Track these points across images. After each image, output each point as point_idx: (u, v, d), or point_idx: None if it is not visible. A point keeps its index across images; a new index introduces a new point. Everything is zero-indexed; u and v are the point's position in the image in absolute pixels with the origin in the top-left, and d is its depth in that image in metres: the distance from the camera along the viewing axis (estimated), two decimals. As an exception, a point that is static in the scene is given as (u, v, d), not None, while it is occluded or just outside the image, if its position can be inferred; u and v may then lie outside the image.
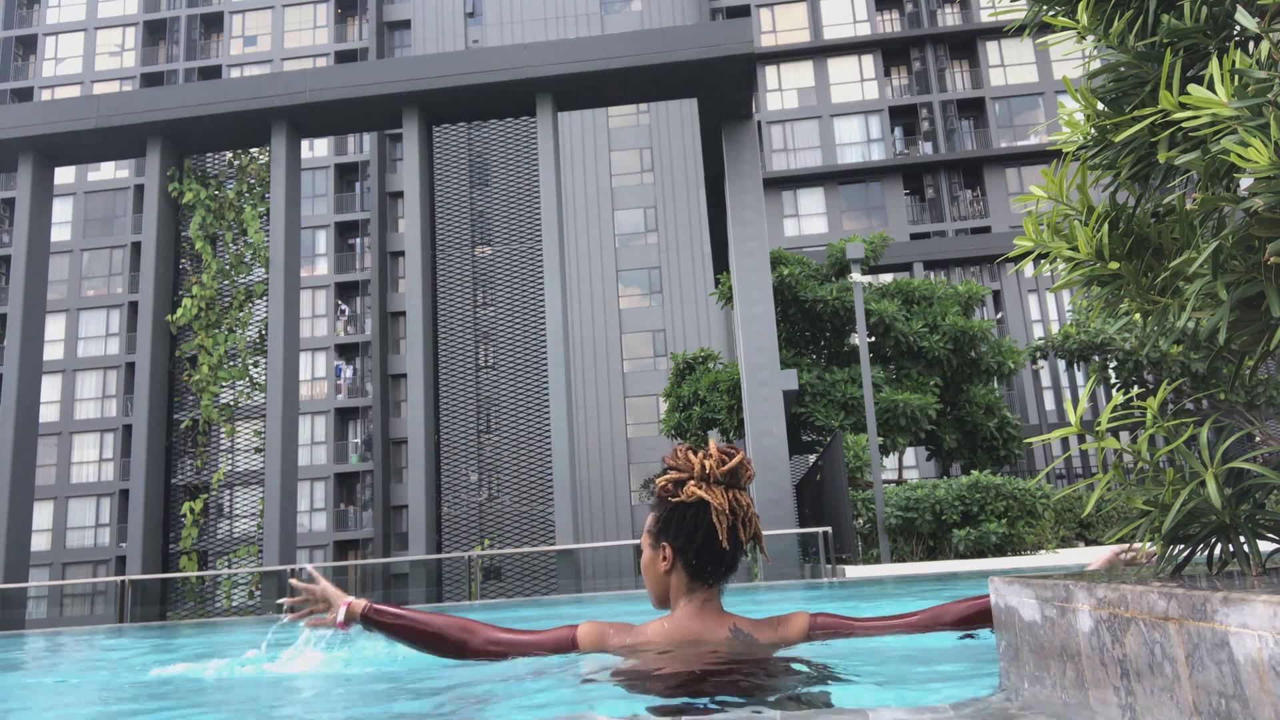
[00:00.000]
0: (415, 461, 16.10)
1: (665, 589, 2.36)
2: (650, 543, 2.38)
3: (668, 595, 2.36)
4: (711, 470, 2.33)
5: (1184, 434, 1.45)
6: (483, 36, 43.30)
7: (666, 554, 2.33)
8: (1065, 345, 21.91)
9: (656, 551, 2.36)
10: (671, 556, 2.33)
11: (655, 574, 2.37)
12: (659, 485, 2.36)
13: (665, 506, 2.36)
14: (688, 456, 2.36)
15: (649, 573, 2.39)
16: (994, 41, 41.65)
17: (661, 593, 2.37)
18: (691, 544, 2.31)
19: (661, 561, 2.35)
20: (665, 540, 2.34)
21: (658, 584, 2.37)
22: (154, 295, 17.67)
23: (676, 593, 2.34)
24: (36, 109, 18.14)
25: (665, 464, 2.39)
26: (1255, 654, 0.96)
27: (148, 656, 5.60)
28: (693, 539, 2.31)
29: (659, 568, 2.36)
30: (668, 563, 2.34)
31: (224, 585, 17.03)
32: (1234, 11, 1.42)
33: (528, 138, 17.68)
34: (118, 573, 38.98)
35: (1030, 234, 1.70)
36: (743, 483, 2.37)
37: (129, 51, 48.19)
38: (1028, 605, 1.59)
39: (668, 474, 2.37)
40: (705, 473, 2.33)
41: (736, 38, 16.59)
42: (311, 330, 43.49)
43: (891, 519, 14.51)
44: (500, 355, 17.00)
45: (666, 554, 2.33)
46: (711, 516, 2.31)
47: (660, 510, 2.37)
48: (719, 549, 2.31)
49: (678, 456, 2.37)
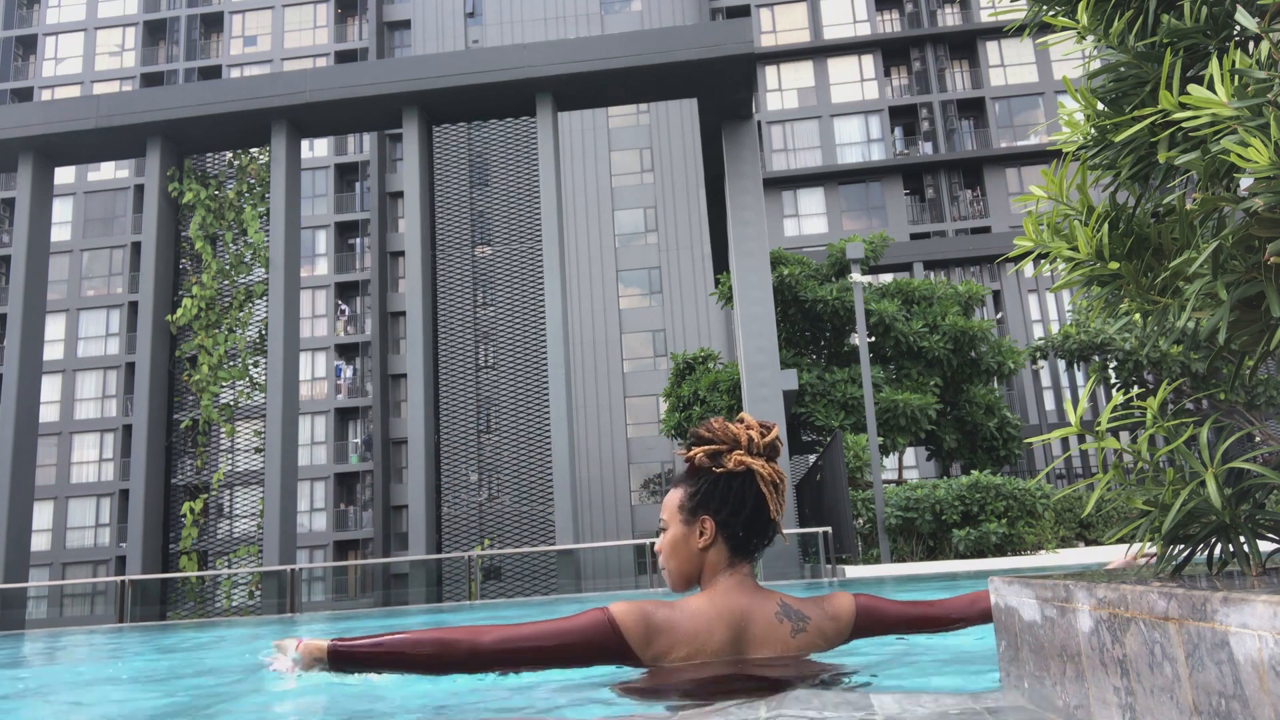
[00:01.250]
0: (415, 461, 16.10)
1: (697, 567, 2.25)
2: (684, 518, 2.26)
3: (698, 575, 2.25)
4: (756, 441, 2.28)
5: (1184, 434, 1.45)
6: (483, 36, 43.31)
7: (707, 528, 2.23)
8: (1065, 345, 21.91)
9: (692, 527, 2.25)
10: (713, 530, 2.23)
11: (688, 551, 2.25)
12: (694, 457, 2.27)
13: (706, 478, 2.27)
14: (727, 428, 2.29)
15: (679, 551, 2.25)
16: (994, 41, 41.66)
17: (692, 572, 2.26)
18: (738, 515, 2.24)
19: (699, 537, 2.24)
20: (706, 513, 2.24)
21: (689, 562, 2.25)
22: (154, 295, 17.67)
23: (714, 570, 2.24)
24: (36, 109, 18.14)
25: (698, 436, 2.30)
26: (1255, 654, 0.96)
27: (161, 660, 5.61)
28: (740, 510, 2.24)
29: (693, 544, 2.24)
30: (707, 537, 2.23)
31: (224, 585, 17.03)
32: (1234, 11, 1.43)
33: (528, 138, 17.68)
34: (118, 573, 38.99)
35: (1030, 234, 1.70)
36: (778, 456, 2.33)
37: (129, 51, 48.19)
38: (1028, 605, 1.59)
39: (701, 446, 2.29)
40: (751, 443, 2.28)
41: (736, 38, 16.59)
42: (311, 330, 43.49)
43: (891, 519, 14.51)
44: (500, 355, 17.00)
45: (707, 528, 2.23)
46: (760, 486, 2.25)
47: (698, 483, 2.28)
48: (767, 519, 2.26)
49: (714, 429, 2.29)
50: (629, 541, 14.46)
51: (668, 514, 2.30)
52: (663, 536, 2.29)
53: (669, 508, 2.31)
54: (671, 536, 2.27)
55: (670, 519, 2.29)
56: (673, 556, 2.27)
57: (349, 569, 37.52)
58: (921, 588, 8.27)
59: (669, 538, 2.27)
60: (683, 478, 2.32)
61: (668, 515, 2.30)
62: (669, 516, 2.30)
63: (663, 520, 2.31)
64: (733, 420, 2.32)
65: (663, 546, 2.28)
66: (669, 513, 2.30)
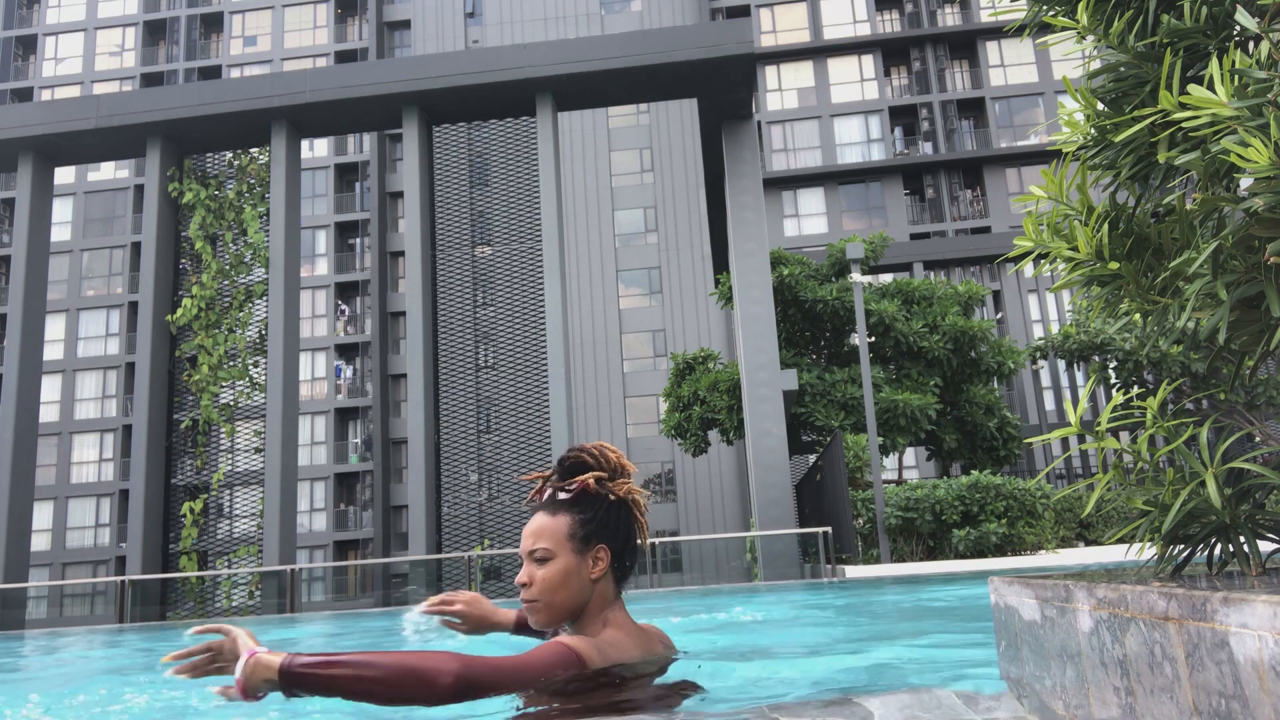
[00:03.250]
0: (415, 461, 16.11)
1: (587, 600, 2.08)
2: (575, 548, 2.07)
3: (582, 608, 2.08)
4: (628, 468, 2.17)
5: (1184, 434, 1.45)
6: (483, 36, 43.31)
7: (602, 557, 2.08)
8: (1065, 345, 21.91)
9: (585, 557, 2.07)
10: (608, 560, 2.09)
11: (580, 584, 2.07)
12: (587, 484, 2.12)
13: (599, 506, 2.12)
14: (604, 452, 2.17)
15: (570, 583, 2.06)
16: (994, 41, 41.66)
17: (580, 605, 2.08)
18: (628, 545, 2.13)
19: (593, 567, 2.08)
20: (601, 542, 2.09)
21: (579, 594, 2.07)
22: (154, 295, 17.67)
23: (603, 602, 2.09)
24: (36, 109, 18.14)
25: (582, 462, 2.16)
26: (1255, 654, 0.96)
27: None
28: (629, 539, 2.14)
29: (585, 575, 2.07)
30: (601, 567, 2.08)
31: (224, 585, 17.03)
32: (1234, 11, 1.43)
33: (528, 138, 17.68)
34: (118, 573, 39.00)
35: (1030, 234, 1.70)
36: None
37: (129, 51, 48.19)
38: (1027, 605, 1.59)
39: (589, 472, 2.15)
40: (623, 469, 2.17)
41: (736, 38, 16.59)
42: (311, 330, 43.49)
43: (891, 519, 14.51)
44: (500, 355, 17.00)
45: (602, 557, 2.08)
46: (638, 514, 2.16)
47: (590, 511, 2.10)
48: (639, 549, 2.17)
49: (595, 454, 2.16)
50: (629, 541, 14.40)
51: (553, 543, 2.07)
52: (546, 567, 2.06)
53: (553, 536, 2.07)
54: (564, 567, 2.06)
55: (558, 548, 2.06)
56: (562, 588, 2.05)
57: (349, 569, 37.52)
58: (922, 588, 8.27)
59: (559, 569, 2.05)
60: (563, 504, 2.11)
61: (553, 544, 2.07)
62: (555, 546, 2.07)
63: (542, 549, 2.07)
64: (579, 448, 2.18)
65: (548, 578, 2.05)
66: (554, 542, 2.07)
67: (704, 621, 5.63)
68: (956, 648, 2.54)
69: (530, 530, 2.09)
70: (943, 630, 4.12)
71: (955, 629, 4.11)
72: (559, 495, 2.12)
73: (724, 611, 6.34)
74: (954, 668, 2.45)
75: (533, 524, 2.10)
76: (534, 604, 2.05)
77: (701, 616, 6.12)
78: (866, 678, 2.20)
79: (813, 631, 4.82)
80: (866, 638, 4.15)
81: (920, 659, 2.55)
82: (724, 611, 6.34)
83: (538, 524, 2.09)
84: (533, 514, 2.12)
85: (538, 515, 2.11)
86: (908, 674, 2.38)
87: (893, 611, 6.00)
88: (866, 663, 2.39)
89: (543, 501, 2.12)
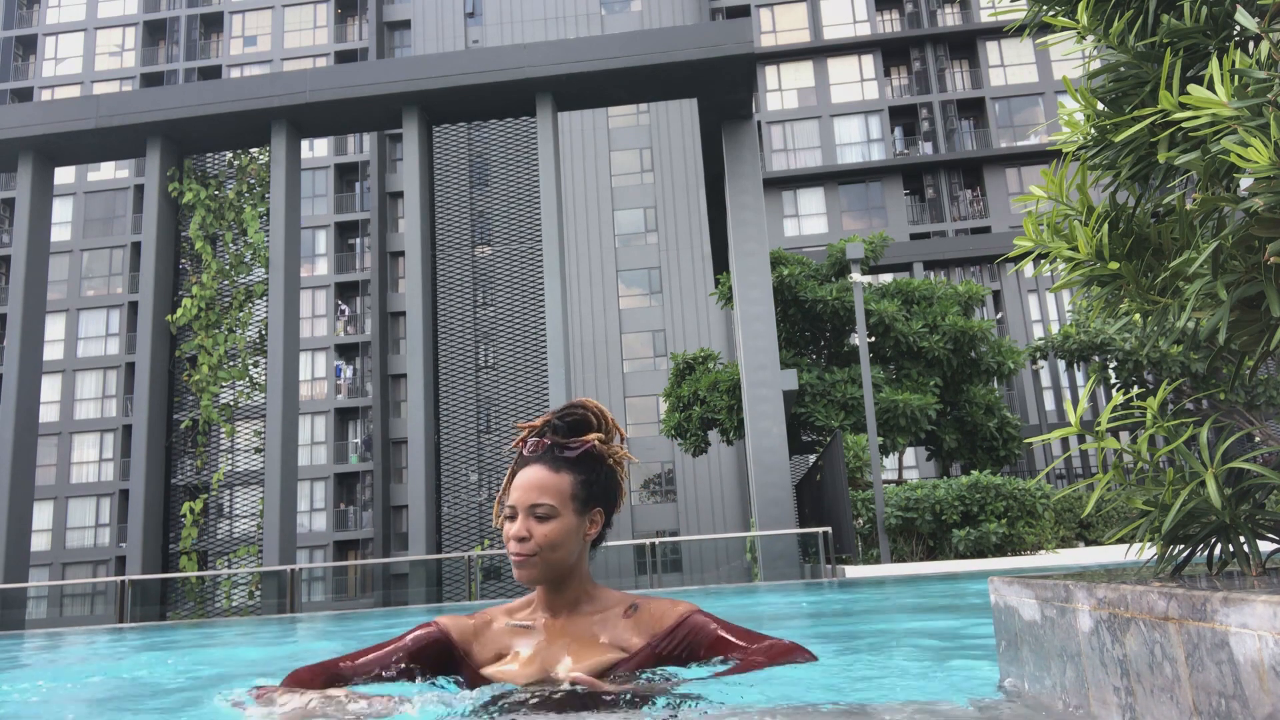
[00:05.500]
0: (415, 461, 16.11)
1: (574, 563, 2.04)
2: (576, 508, 2.02)
3: (570, 572, 2.04)
4: (619, 429, 2.13)
5: (1184, 434, 1.45)
6: (483, 36, 43.31)
7: (598, 519, 2.06)
8: (1065, 345, 21.91)
9: (583, 518, 2.03)
10: (600, 525, 2.07)
11: (576, 545, 2.02)
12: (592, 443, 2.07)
13: (599, 468, 2.07)
14: (604, 413, 2.12)
15: (570, 543, 2.01)
16: (994, 41, 41.66)
17: (569, 568, 2.03)
18: (616, 509, 2.11)
19: (590, 528, 2.05)
20: (599, 505, 2.06)
21: (572, 557, 2.02)
22: (154, 295, 17.67)
23: (583, 564, 2.08)
24: (36, 109, 18.14)
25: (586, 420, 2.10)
26: (1255, 654, 0.96)
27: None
28: (616, 505, 2.11)
29: (583, 537, 2.04)
30: (595, 530, 2.06)
31: (224, 585, 17.03)
32: (1234, 11, 1.42)
33: (528, 138, 17.68)
34: (118, 573, 39.00)
35: (1030, 234, 1.70)
36: None
37: (129, 51, 48.19)
38: (1028, 605, 1.59)
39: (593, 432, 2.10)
40: (618, 431, 2.13)
41: (736, 38, 16.59)
42: (311, 330, 43.49)
43: (891, 519, 14.51)
44: (500, 355, 17.00)
45: (598, 519, 2.06)
46: (622, 480, 2.13)
47: (591, 472, 2.06)
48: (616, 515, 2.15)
49: (596, 413, 2.11)
50: (629, 541, 14.46)
51: (557, 500, 2.00)
52: (548, 524, 1.99)
53: (557, 493, 2.00)
54: (565, 527, 1.99)
55: (562, 507, 2.00)
56: (561, 548, 1.99)
57: (349, 569, 37.51)
58: (922, 588, 8.28)
59: (561, 527, 1.99)
60: (566, 462, 2.04)
61: (558, 502, 2.00)
62: (560, 504, 2.00)
63: (547, 505, 1.99)
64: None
65: (550, 535, 1.98)
66: (559, 499, 2.00)
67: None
68: (956, 648, 2.54)
69: (531, 483, 2.01)
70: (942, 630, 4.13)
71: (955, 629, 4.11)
72: (563, 452, 2.05)
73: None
74: (953, 668, 2.45)
75: (533, 477, 2.02)
76: (529, 559, 1.97)
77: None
78: (865, 677, 2.20)
79: (813, 630, 4.82)
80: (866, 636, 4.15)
81: (920, 659, 2.55)
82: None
83: (539, 478, 2.01)
84: (525, 464, 2.05)
85: (537, 468, 2.03)
86: (907, 674, 2.38)
87: (892, 610, 6.00)
88: (866, 662, 2.39)
89: (540, 454, 2.05)
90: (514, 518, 2.00)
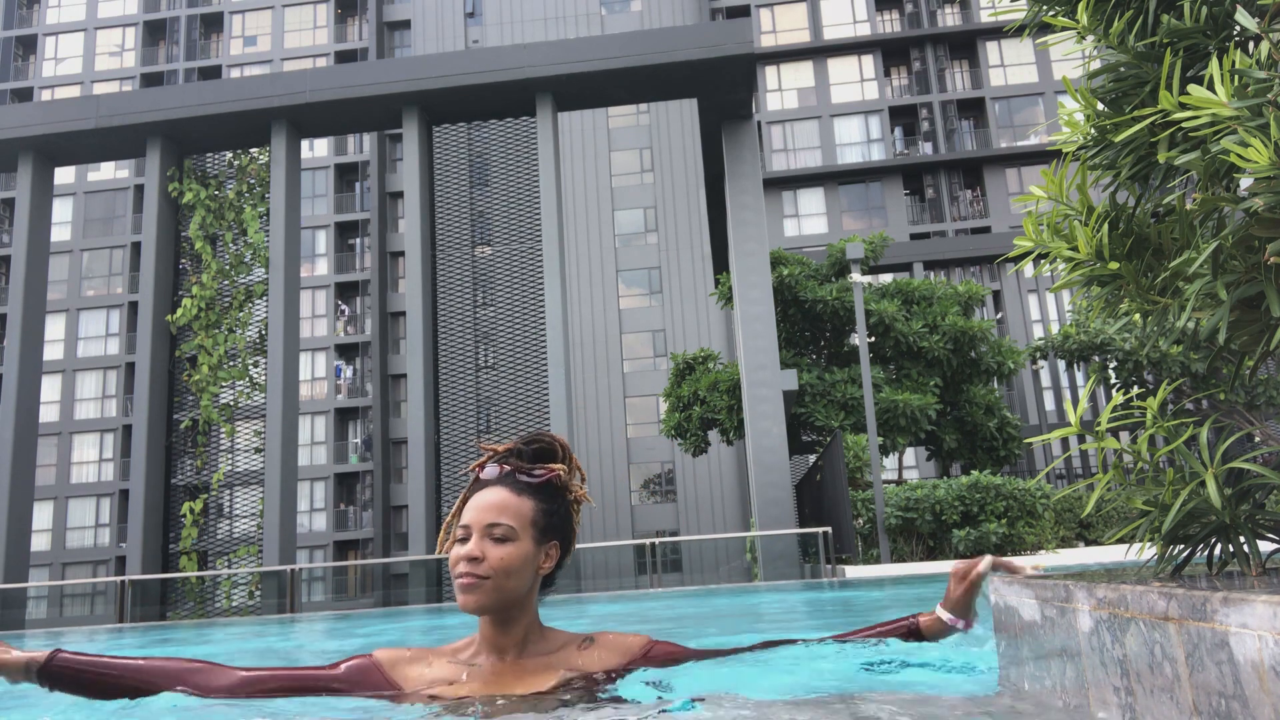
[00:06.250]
0: (415, 461, 16.11)
1: (526, 595, 1.91)
2: (535, 536, 1.90)
3: (519, 604, 1.91)
4: (580, 470, 2.07)
5: (1184, 434, 1.45)
6: (483, 36, 43.31)
7: (553, 554, 1.96)
8: (1065, 345, 21.91)
9: (540, 548, 1.92)
10: (555, 559, 1.97)
11: (530, 575, 1.90)
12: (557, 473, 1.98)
13: (560, 501, 1.99)
14: (566, 448, 2.05)
15: (524, 571, 1.88)
16: (994, 41, 41.67)
17: (520, 598, 1.90)
18: (568, 551, 2.01)
19: (545, 562, 1.94)
20: (556, 538, 1.96)
21: (525, 584, 1.89)
22: (154, 295, 17.68)
23: (531, 600, 1.94)
24: (36, 109, 18.14)
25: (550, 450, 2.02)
26: (1255, 654, 0.96)
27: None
28: (571, 541, 2.03)
29: (536, 570, 1.92)
30: (550, 564, 1.95)
31: (224, 585, 17.03)
32: (1234, 11, 1.43)
33: (528, 138, 17.68)
34: (118, 573, 39.00)
35: (1030, 234, 1.70)
36: None
37: (129, 51, 48.19)
38: (1028, 605, 1.59)
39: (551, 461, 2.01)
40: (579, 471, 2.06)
41: (736, 38, 16.59)
42: (311, 330, 43.49)
43: (891, 519, 14.51)
44: (500, 355, 17.00)
45: (553, 554, 1.96)
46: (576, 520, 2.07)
47: (554, 503, 1.97)
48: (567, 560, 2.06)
49: (562, 446, 2.04)
50: (629, 541, 14.45)
51: (517, 524, 1.88)
52: (505, 547, 1.86)
53: (518, 516, 1.89)
54: (523, 552, 1.87)
55: (521, 531, 1.88)
56: (516, 575, 1.86)
57: (349, 569, 37.50)
58: (922, 588, 8.28)
59: (519, 553, 1.87)
60: (528, 488, 1.94)
61: (518, 525, 1.88)
62: (520, 528, 1.88)
63: (506, 527, 1.87)
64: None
65: (506, 559, 1.85)
66: (519, 523, 1.89)
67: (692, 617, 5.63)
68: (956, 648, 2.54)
69: (491, 504, 1.89)
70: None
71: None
72: (525, 478, 1.94)
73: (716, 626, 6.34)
74: (953, 668, 2.45)
75: (493, 497, 1.90)
76: (480, 582, 1.82)
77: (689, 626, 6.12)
78: (864, 677, 2.20)
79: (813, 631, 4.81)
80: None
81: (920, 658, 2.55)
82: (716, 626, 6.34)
83: (500, 499, 1.90)
84: (482, 487, 1.94)
85: (498, 489, 1.91)
86: (907, 674, 2.38)
87: (893, 609, 5.99)
88: (865, 662, 2.39)
89: (500, 477, 1.94)
90: (467, 539, 1.87)
